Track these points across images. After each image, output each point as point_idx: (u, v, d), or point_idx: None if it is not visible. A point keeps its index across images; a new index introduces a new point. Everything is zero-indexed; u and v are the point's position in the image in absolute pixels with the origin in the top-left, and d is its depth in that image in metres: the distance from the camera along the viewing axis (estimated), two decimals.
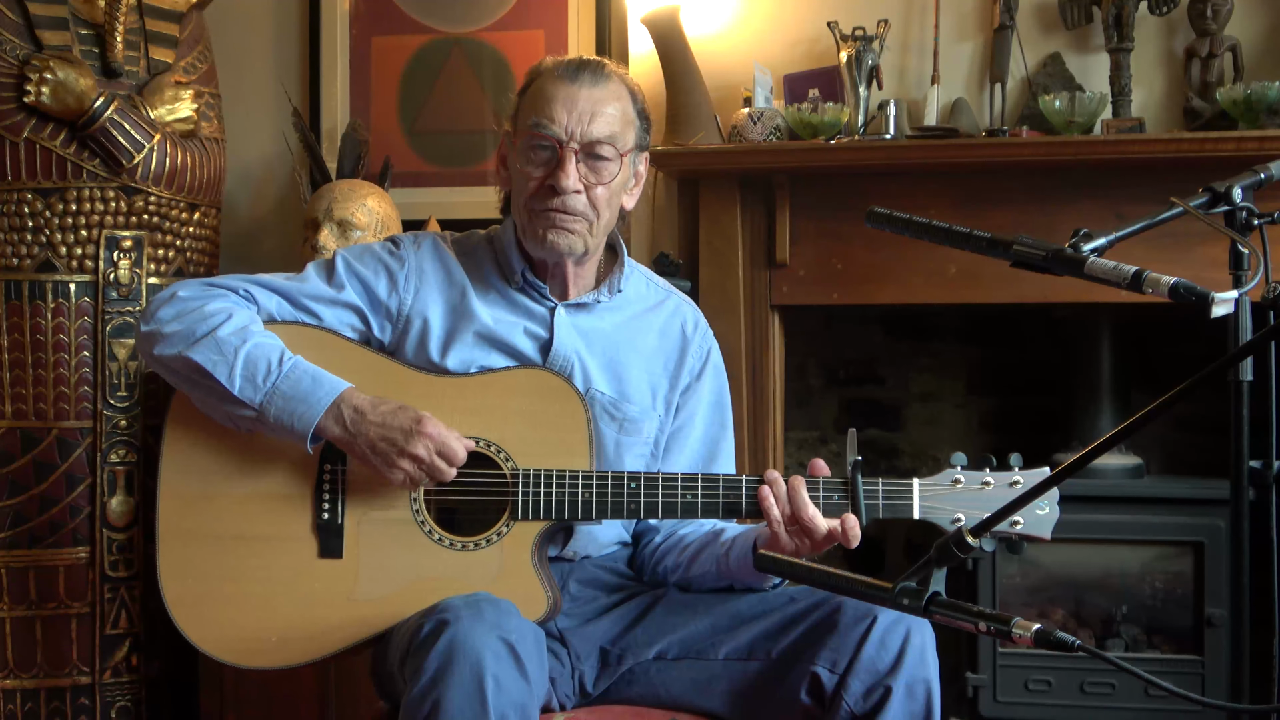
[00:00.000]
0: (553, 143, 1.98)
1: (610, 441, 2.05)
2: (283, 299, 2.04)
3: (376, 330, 2.06)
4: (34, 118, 2.73)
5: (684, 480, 1.92)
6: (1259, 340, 1.32)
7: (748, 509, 1.91)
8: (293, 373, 1.91)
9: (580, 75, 2.00)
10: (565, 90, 1.99)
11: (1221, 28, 2.96)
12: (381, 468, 1.90)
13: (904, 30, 3.16)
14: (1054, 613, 3.06)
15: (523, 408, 1.96)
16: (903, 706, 1.82)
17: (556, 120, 1.97)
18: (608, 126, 1.99)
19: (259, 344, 1.93)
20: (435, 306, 2.05)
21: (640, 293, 2.16)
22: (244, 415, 1.93)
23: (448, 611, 1.73)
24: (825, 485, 1.89)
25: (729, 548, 1.99)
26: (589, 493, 1.92)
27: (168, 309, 1.98)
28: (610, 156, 2.00)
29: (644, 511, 1.93)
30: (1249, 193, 1.60)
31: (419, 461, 1.89)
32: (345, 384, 1.93)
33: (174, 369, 1.97)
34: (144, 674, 2.85)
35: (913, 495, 1.89)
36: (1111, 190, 2.87)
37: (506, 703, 1.67)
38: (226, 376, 1.90)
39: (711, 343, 2.19)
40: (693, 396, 2.14)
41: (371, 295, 2.05)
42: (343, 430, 1.90)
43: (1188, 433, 3.20)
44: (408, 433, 1.88)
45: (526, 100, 2.04)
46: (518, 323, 2.06)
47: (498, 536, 1.93)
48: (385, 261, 2.07)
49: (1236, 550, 1.55)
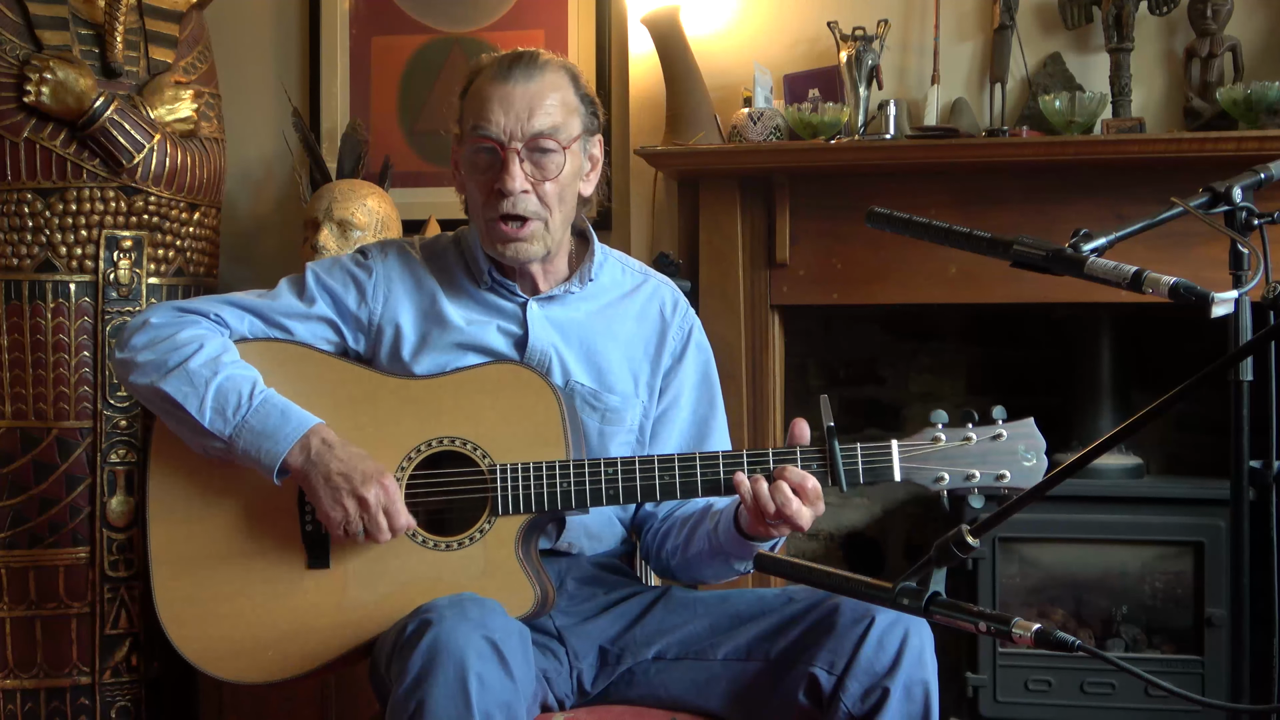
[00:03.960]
0: (493, 145, 1.96)
1: (594, 432, 2.04)
2: (255, 318, 2.05)
3: (351, 341, 2.07)
4: (34, 118, 2.73)
5: (661, 461, 1.90)
6: (1259, 340, 1.32)
7: (728, 487, 1.88)
8: (263, 407, 1.92)
9: (513, 72, 1.97)
10: (500, 90, 1.96)
11: (1221, 28, 2.96)
12: (325, 500, 1.89)
13: (904, 30, 3.15)
14: (1054, 613, 3.06)
15: (496, 403, 1.95)
16: (901, 708, 1.81)
17: (494, 122, 1.95)
18: (548, 119, 1.97)
19: (230, 376, 1.94)
20: (406, 314, 2.05)
21: (615, 279, 2.15)
22: (214, 447, 1.94)
23: (431, 612, 1.73)
24: (803, 454, 1.85)
25: (717, 521, 1.98)
26: (567, 482, 1.91)
27: (140, 336, 1.99)
28: (554, 149, 1.97)
29: (624, 496, 1.91)
30: (1249, 193, 1.60)
31: (365, 507, 1.87)
32: (315, 420, 1.93)
33: (147, 398, 1.99)
34: (144, 674, 2.85)
35: (892, 457, 1.84)
36: (1111, 190, 2.87)
37: (491, 702, 1.67)
38: (197, 409, 1.92)
39: (693, 321, 2.17)
40: (676, 378, 2.13)
41: (341, 307, 2.06)
42: (305, 459, 1.90)
43: (1188, 433, 3.20)
44: (367, 476, 1.88)
45: (467, 104, 2.02)
46: (490, 322, 2.05)
47: (480, 534, 1.93)
48: (353, 273, 2.08)
49: (1236, 550, 1.55)
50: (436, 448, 1.96)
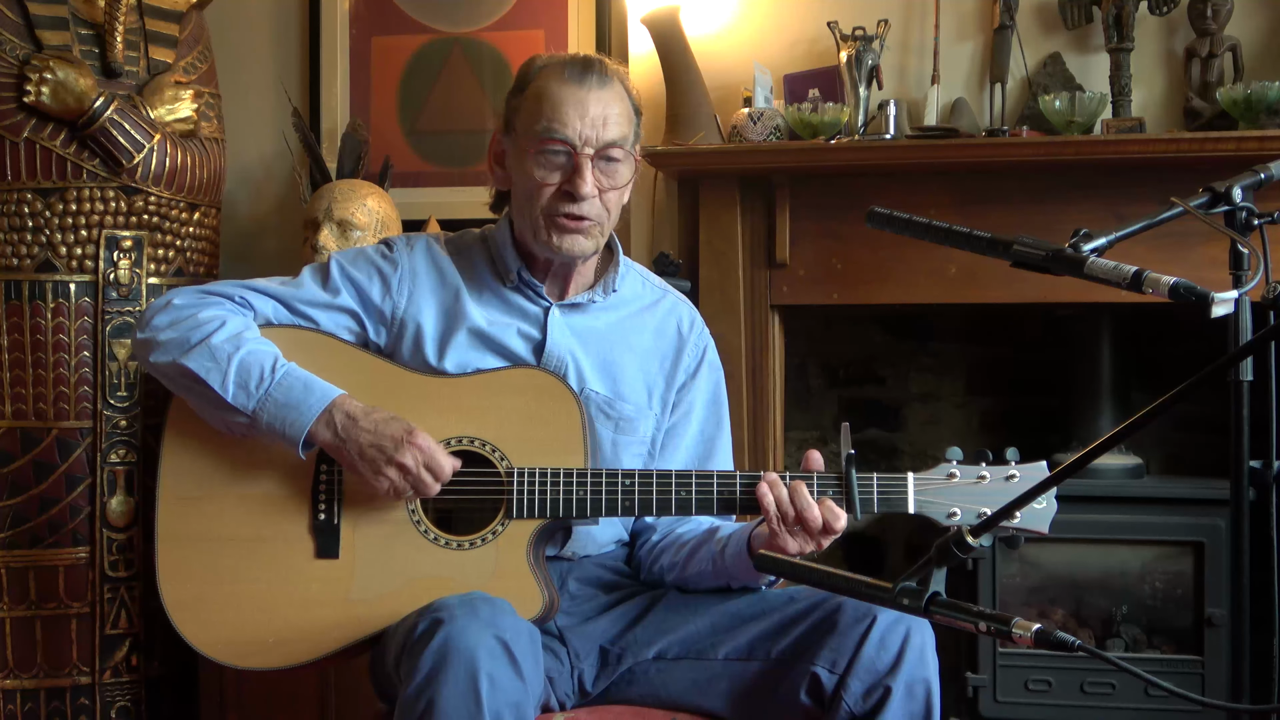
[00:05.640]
0: (566, 148, 1.97)
1: (607, 440, 2.05)
2: (279, 304, 2.05)
3: (372, 334, 2.06)
4: (34, 118, 2.73)
5: (679, 477, 1.92)
6: (1259, 340, 1.32)
7: (743, 505, 1.91)
8: (285, 379, 1.92)
9: (587, 77, 1.99)
10: (574, 93, 1.98)
11: (1221, 28, 2.96)
12: (368, 474, 1.90)
13: (904, 30, 3.16)
14: (1054, 613, 3.06)
15: (517, 407, 1.96)
16: (902, 706, 1.82)
17: (570, 125, 1.96)
18: (617, 129, 1.99)
19: (252, 351, 1.94)
20: (429, 309, 2.05)
21: (636, 291, 2.16)
22: (238, 421, 1.94)
23: (442, 610, 1.73)
24: (820, 480, 1.88)
25: (724, 545, 1.99)
26: (584, 490, 1.92)
27: (162, 316, 1.99)
28: (621, 159, 2.00)
29: (639, 509, 1.92)
30: (1249, 193, 1.60)
31: (405, 471, 1.89)
32: (338, 390, 1.93)
33: (169, 376, 1.98)
34: (144, 674, 2.84)
35: (908, 490, 1.88)
36: (1111, 190, 2.87)
37: (501, 701, 1.67)
38: (220, 383, 1.91)
39: (707, 340, 2.19)
40: (688, 394, 2.14)
41: (365, 299, 2.06)
42: (334, 436, 1.91)
43: (1188, 433, 3.20)
44: (398, 442, 1.89)
45: (529, 101, 2.02)
46: (511, 324, 2.06)
47: (493, 535, 1.93)
48: (379, 265, 2.08)
49: (1236, 550, 1.55)
50: (455, 446, 1.96)
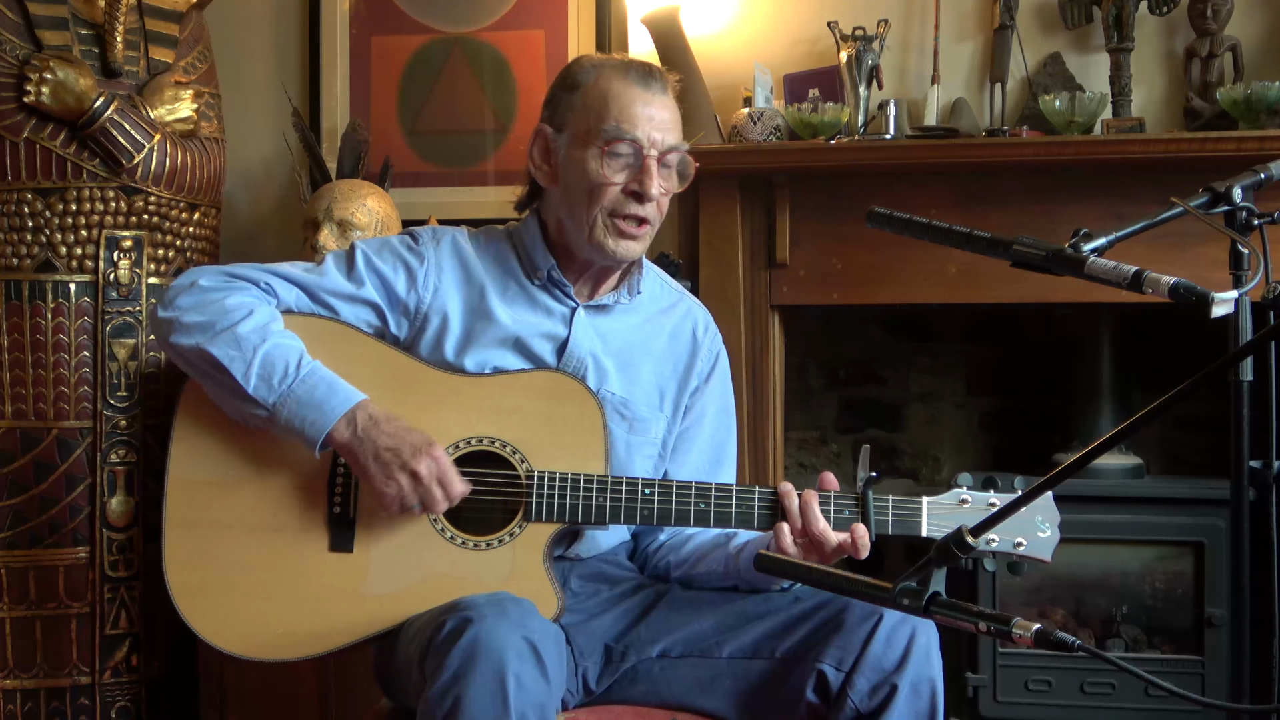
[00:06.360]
0: (635, 149, 1.98)
1: (621, 441, 2.04)
2: (302, 292, 2.03)
3: (393, 327, 2.05)
4: (34, 118, 2.73)
5: (698, 489, 1.92)
6: (1259, 340, 1.32)
7: (760, 521, 1.91)
8: (309, 378, 1.91)
9: (652, 82, 2.01)
10: (641, 95, 1.99)
11: (1221, 28, 2.96)
12: (378, 477, 1.88)
13: (904, 30, 3.16)
14: (1054, 613, 3.06)
15: (539, 410, 1.96)
16: (908, 704, 1.82)
17: (640, 126, 1.97)
18: (677, 134, 2.02)
19: (278, 345, 1.92)
20: (454, 305, 2.04)
21: (654, 294, 2.17)
22: (255, 414, 1.92)
23: (471, 609, 1.72)
24: (836, 500, 1.90)
25: (740, 551, 2.00)
26: (603, 497, 1.92)
27: (187, 297, 1.97)
28: (676, 165, 2.02)
29: (657, 518, 1.93)
30: (1249, 193, 1.60)
31: (417, 480, 1.87)
32: (361, 395, 1.92)
33: (189, 359, 1.96)
34: (144, 674, 2.84)
35: (921, 514, 1.91)
36: (1111, 190, 2.87)
37: (527, 702, 1.67)
38: (243, 374, 1.90)
39: (720, 346, 2.20)
40: (701, 399, 2.15)
41: (390, 292, 2.04)
42: (352, 434, 1.89)
43: (1188, 433, 3.20)
44: (416, 449, 1.88)
45: (592, 100, 2.01)
46: (536, 322, 2.05)
47: (510, 537, 1.93)
48: (404, 258, 2.06)
49: (1236, 550, 1.55)
50: (475, 446, 1.96)
